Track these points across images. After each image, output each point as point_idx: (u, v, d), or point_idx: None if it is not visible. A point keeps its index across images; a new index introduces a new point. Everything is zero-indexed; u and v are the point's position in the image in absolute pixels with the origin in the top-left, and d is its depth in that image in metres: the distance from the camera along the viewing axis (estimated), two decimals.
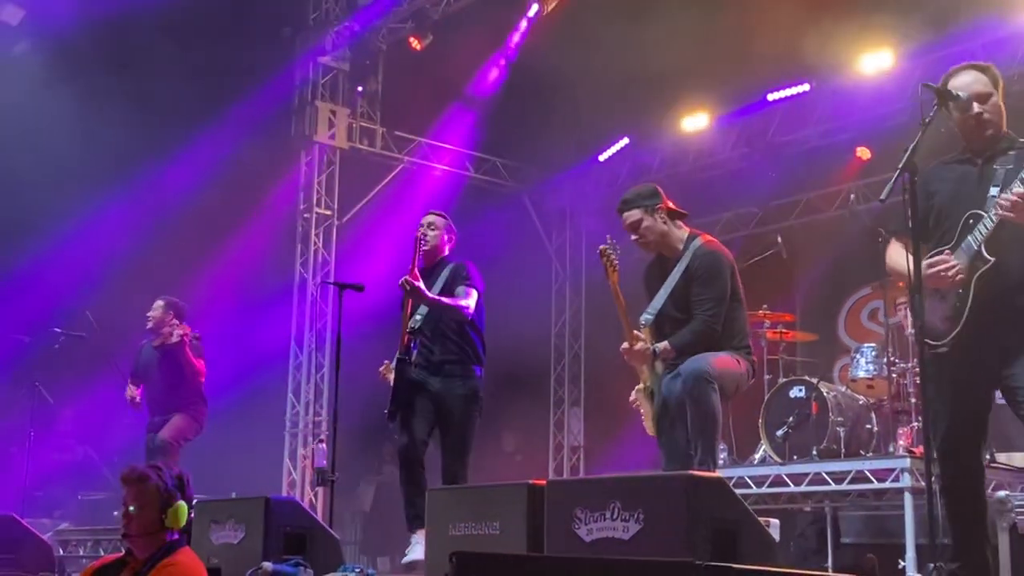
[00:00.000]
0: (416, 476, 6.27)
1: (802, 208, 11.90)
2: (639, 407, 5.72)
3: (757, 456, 8.32)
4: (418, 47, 11.72)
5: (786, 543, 7.85)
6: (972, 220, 4.47)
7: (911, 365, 7.58)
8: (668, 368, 5.60)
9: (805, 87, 10.87)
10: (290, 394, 11.92)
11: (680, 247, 5.72)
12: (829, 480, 7.26)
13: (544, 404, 13.81)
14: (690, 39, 9.62)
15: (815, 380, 8.02)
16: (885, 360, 7.93)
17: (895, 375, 7.85)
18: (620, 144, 12.70)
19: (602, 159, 12.96)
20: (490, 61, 12.40)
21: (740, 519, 4.01)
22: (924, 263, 4.43)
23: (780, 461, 7.78)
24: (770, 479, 7.60)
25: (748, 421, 8.28)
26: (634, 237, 5.74)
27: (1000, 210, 4.33)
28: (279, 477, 11.62)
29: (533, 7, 11.82)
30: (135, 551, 4.29)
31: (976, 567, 4.55)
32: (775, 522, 4.84)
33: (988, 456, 6.94)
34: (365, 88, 12.60)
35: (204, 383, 8.65)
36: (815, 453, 7.62)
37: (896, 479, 6.80)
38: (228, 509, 5.90)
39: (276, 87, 11.98)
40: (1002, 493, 5.99)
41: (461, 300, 6.39)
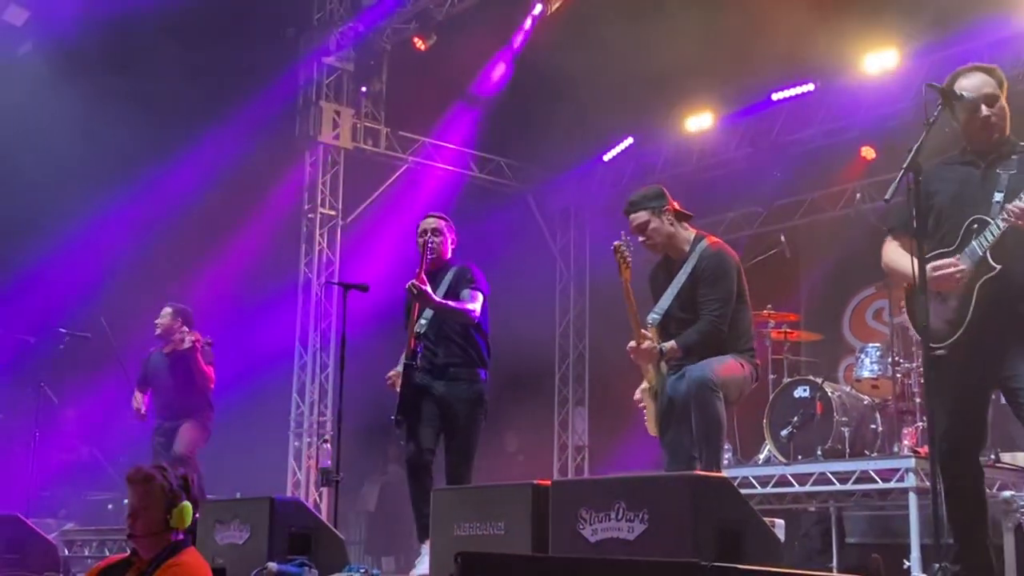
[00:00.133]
0: (425, 485, 6.24)
1: (806, 208, 11.89)
2: (643, 407, 5.73)
3: (762, 456, 8.31)
4: (422, 47, 11.73)
5: (791, 543, 7.85)
6: (976, 225, 4.47)
7: (916, 365, 7.57)
8: (673, 369, 5.61)
9: (809, 87, 10.86)
10: (294, 394, 11.93)
11: (687, 248, 5.74)
12: (834, 480, 7.25)
13: (548, 404, 13.81)
14: (694, 39, 9.61)
15: (820, 380, 8.01)
16: (890, 360, 7.91)
17: (900, 375, 7.83)
18: (624, 144, 12.70)
19: (606, 159, 12.97)
20: (494, 61, 12.40)
21: (745, 519, 4.00)
22: (928, 266, 4.43)
23: (785, 461, 7.76)
24: (775, 479, 7.59)
25: (752, 421, 8.27)
26: (641, 239, 5.75)
27: (1011, 217, 4.33)
28: (284, 477, 11.63)
29: (537, 7, 11.82)
30: (140, 551, 4.29)
31: (979, 568, 4.55)
32: (780, 522, 4.84)
33: (993, 456, 6.95)
34: (369, 88, 12.61)
35: (212, 389, 8.69)
36: (820, 453, 7.61)
37: (901, 479, 6.78)
38: (233, 509, 5.91)
39: (280, 87, 12.00)
40: (1007, 493, 6.00)
41: (468, 304, 6.37)
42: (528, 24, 12.04)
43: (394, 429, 6.45)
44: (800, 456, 7.76)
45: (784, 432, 7.88)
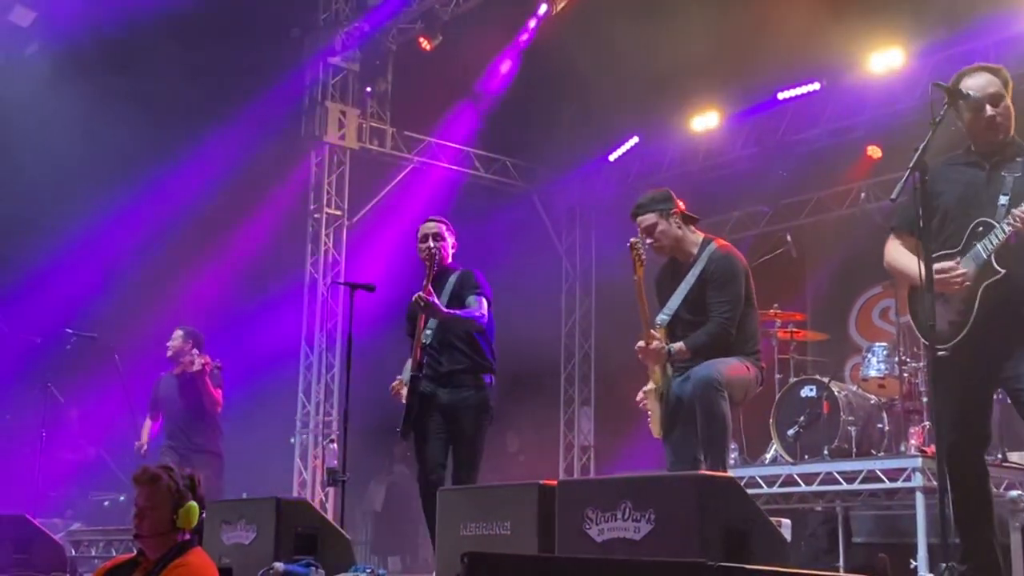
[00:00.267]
0: None
1: (812, 207, 11.88)
2: (646, 407, 5.72)
3: (768, 456, 8.30)
4: (428, 47, 11.73)
5: (798, 543, 7.83)
6: (981, 228, 4.47)
7: (922, 364, 7.55)
8: (678, 371, 5.61)
9: (815, 86, 10.86)
10: (300, 394, 11.93)
11: (694, 251, 5.74)
12: (840, 480, 7.23)
13: (554, 404, 13.81)
14: (699, 38, 9.61)
15: (826, 379, 8.00)
16: (896, 359, 7.91)
17: (907, 374, 7.82)
18: (630, 143, 12.69)
19: (612, 158, 12.96)
20: (499, 61, 12.40)
21: (752, 519, 4.00)
22: (932, 268, 4.42)
23: (791, 461, 7.76)
24: (781, 479, 7.58)
25: (759, 421, 8.25)
26: (649, 241, 5.74)
27: (1017, 223, 4.32)
28: (290, 477, 11.63)
29: (543, 7, 11.80)
30: (147, 551, 4.29)
31: (986, 567, 4.54)
32: (787, 522, 4.83)
33: (1000, 455, 6.93)
34: (375, 88, 12.61)
35: (220, 412, 8.78)
36: (826, 453, 7.60)
37: (908, 479, 6.77)
38: (239, 509, 5.92)
39: (286, 88, 12.00)
40: (1014, 492, 5.99)
41: (475, 311, 6.30)
42: (533, 24, 12.05)
43: (401, 435, 6.40)
44: (807, 456, 7.76)
45: (791, 432, 7.87)
